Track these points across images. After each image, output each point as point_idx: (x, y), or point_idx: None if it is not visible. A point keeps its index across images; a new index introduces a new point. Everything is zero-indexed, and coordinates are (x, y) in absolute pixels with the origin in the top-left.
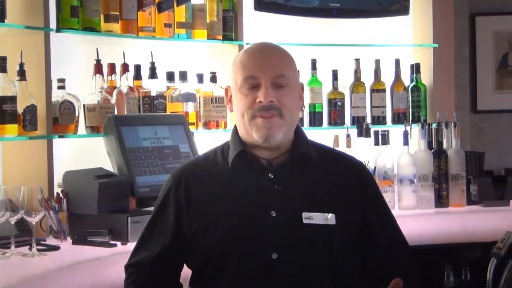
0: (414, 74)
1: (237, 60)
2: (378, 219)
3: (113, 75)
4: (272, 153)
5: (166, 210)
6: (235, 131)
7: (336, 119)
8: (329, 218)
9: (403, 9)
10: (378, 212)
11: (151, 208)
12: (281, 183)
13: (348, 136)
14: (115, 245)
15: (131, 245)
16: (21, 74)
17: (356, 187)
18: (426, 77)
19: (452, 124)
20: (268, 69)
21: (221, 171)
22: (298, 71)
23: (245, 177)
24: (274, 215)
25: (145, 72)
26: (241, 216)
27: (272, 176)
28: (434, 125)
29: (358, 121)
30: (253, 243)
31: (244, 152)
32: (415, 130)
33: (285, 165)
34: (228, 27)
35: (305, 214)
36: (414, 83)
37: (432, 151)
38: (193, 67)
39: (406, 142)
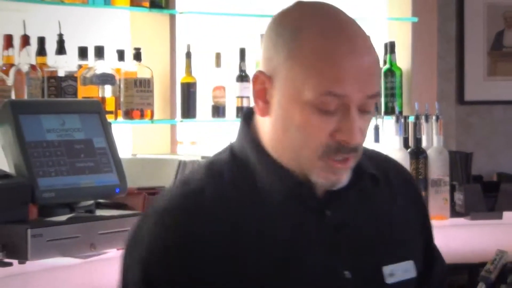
0: (388, 55)
1: (307, 43)
2: (434, 251)
3: (10, 50)
4: None
5: None
6: (257, 143)
7: None
8: (410, 268)
9: None
10: (433, 242)
11: (57, 218)
12: (345, 223)
13: None
14: (11, 264)
15: (30, 265)
16: None
17: (414, 209)
18: (403, 59)
19: (434, 117)
20: (365, 83)
21: (259, 210)
22: None
23: (296, 219)
24: (350, 276)
25: (51, 46)
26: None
27: (330, 213)
28: (411, 119)
29: None
30: None
31: (302, 184)
32: (388, 124)
33: (342, 194)
34: None
35: (386, 269)
36: (387, 66)
37: (408, 150)
38: (112, 41)
39: (377, 139)
